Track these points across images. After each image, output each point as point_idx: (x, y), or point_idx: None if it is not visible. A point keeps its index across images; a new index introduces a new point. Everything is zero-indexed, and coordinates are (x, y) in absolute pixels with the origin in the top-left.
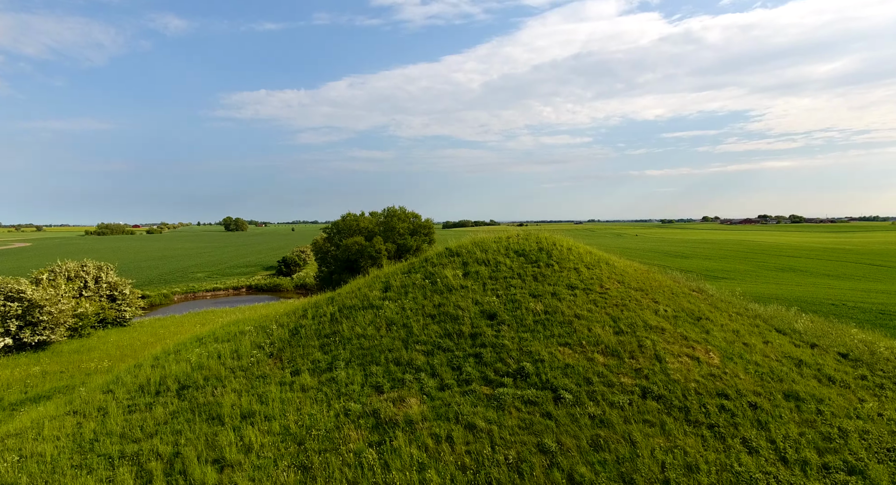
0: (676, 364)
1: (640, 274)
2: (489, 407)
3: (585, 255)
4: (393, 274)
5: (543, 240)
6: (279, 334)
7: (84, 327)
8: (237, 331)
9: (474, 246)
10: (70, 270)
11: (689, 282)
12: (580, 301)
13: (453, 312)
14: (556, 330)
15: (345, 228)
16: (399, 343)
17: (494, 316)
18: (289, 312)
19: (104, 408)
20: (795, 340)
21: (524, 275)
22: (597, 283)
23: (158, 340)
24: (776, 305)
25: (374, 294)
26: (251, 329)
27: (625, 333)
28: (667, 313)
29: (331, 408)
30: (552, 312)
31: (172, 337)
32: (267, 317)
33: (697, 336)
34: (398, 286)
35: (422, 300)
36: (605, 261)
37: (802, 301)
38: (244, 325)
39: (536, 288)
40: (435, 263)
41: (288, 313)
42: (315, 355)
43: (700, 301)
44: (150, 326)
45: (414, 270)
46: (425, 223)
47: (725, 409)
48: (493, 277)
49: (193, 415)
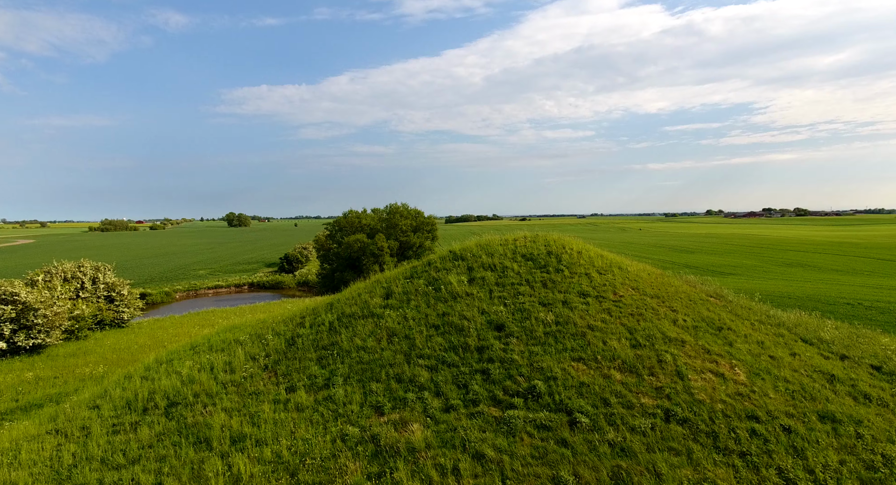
0: (700, 382)
1: (655, 279)
2: (499, 432)
3: (597, 259)
4: (394, 279)
5: (552, 243)
6: (275, 345)
7: (81, 330)
8: (232, 339)
9: (479, 249)
10: (66, 271)
11: (707, 287)
12: (593, 310)
13: (458, 323)
14: (569, 343)
15: (346, 226)
16: (401, 357)
17: (502, 327)
18: (286, 318)
19: (88, 427)
20: (824, 352)
21: (533, 281)
22: (610, 290)
23: (156, 344)
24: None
25: (374, 301)
26: (246, 338)
27: (642, 346)
28: (686, 323)
29: (327, 431)
30: (564, 322)
31: (171, 340)
32: (264, 323)
33: (720, 349)
34: (400, 293)
35: (425, 309)
36: (617, 265)
37: (815, 300)
38: (240, 332)
39: (546, 296)
40: (438, 267)
41: (285, 320)
42: (312, 370)
43: (719, 309)
44: (148, 328)
45: (416, 275)
46: (428, 220)
47: (757, 434)
48: (500, 283)
49: (180, 438)
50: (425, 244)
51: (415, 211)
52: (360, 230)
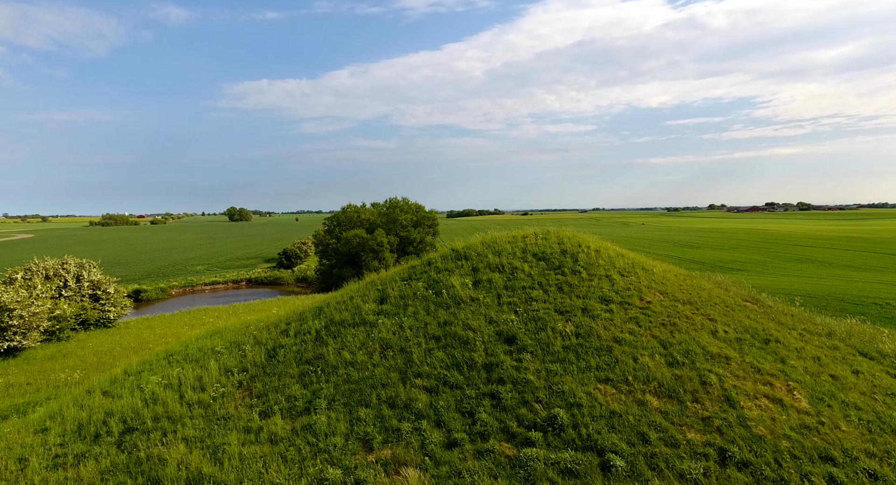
0: (756, 410)
1: (683, 281)
2: (514, 479)
3: (617, 258)
4: (390, 280)
5: (566, 240)
6: (254, 356)
7: (63, 330)
8: (209, 348)
9: (485, 248)
10: (48, 269)
11: (740, 289)
12: (618, 320)
13: (462, 334)
14: (593, 360)
15: (345, 221)
16: (395, 375)
17: (514, 339)
18: (271, 324)
19: (26, 459)
20: (888, 368)
21: (546, 285)
22: (635, 294)
23: (141, 345)
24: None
25: (367, 307)
26: (224, 347)
27: (681, 364)
28: (728, 335)
29: (303, 474)
30: (585, 334)
31: (157, 341)
32: (247, 330)
33: (772, 367)
34: (396, 297)
35: (424, 316)
36: (640, 265)
37: (838, 299)
38: (219, 339)
39: (563, 302)
40: (440, 267)
41: (269, 327)
42: (292, 389)
43: (759, 315)
44: (135, 328)
45: (415, 277)
46: (429, 214)
47: (837, 482)
48: (510, 287)
49: (128, 477)
50: (426, 239)
51: (415, 205)
52: (359, 225)
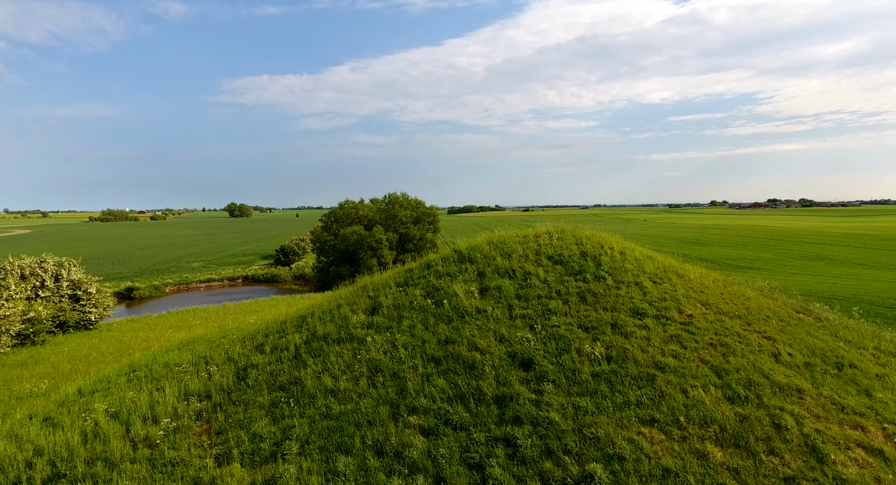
0: (853, 468)
1: (724, 289)
2: None
3: (646, 262)
4: (384, 286)
5: (585, 241)
6: (220, 379)
7: (38, 334)
8: (175, 364)
9: (492, 249)
10: (24, 268)
11: (788, 298)
12: (657, 339)
13: (468, 356)
14: (632, 393)
15: (343, 217)
16: (385, 410)
17: (530, 364)
18: (246, 336)
19: None
20: None
21: (566, 293)
22: (672, 306)
23: (121, 350)
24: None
25: (356, 319)
26: (190, 365)
27: (744, 399)
28: (793, 360)
29: None
30: (619, 358)
31: (139, 345)
32: (221, 341)
33: (857, 403)
34: (390, 307)
35: (422, 332)
36: (673, 270)
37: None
38: (189, 352)
39: (587, 316)
40: (440, 272)
41: (244, 340)
42: (259, 425)
43: (820, 331)
44: (118, 330)
45: (412, 282)
46: (429, 211)
47: None
48: (522, 296)
49: None
50: (426, 237)
51: (415, 201)
52: (357, 222)
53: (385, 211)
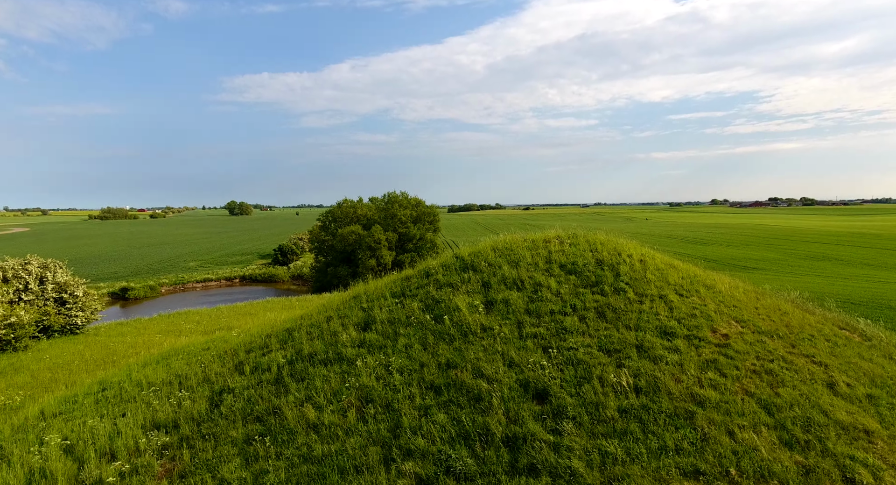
0: None
1: (757, 302)
2: None
3: (669, 271)
4: (378, 296)
5: (601, 247)
6: (192, 405)
7: (20, 339)
8: (148, 383)
9: (498, 256)
10: (6, 270)
11: (826, 311)
12: (691, 365)
13: (472, 384)
14: (668, 435)
15: (341, 216)
16: (376, 452)
17: (545, 395)
18: (227, 351)
19: None
20: None
21: (582, 308)
22: (704, 324)
23: (107, 357)
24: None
25: (346, 336)
26: (164, 384)
27: (803, 445)
28: (853, 391)
29: None
30: (649, 389)
31: (126, 351)
32: (200, 357)
33: None
34: (384, 322)
35: (420, 353)
36: (700, 281)
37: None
38: (163, 370)
39: (609, 336)
40: (441, 281)
41: (223, 356)
42: (228, 468)
43: (870, 351)
44: (105, 335)
45: (409, 293)
46: (429, 210)
47: None
48: (534, 311)
49: None
50: (426, 236)
51: (415, 200)
52: (355, 221)
53: (384, 210)
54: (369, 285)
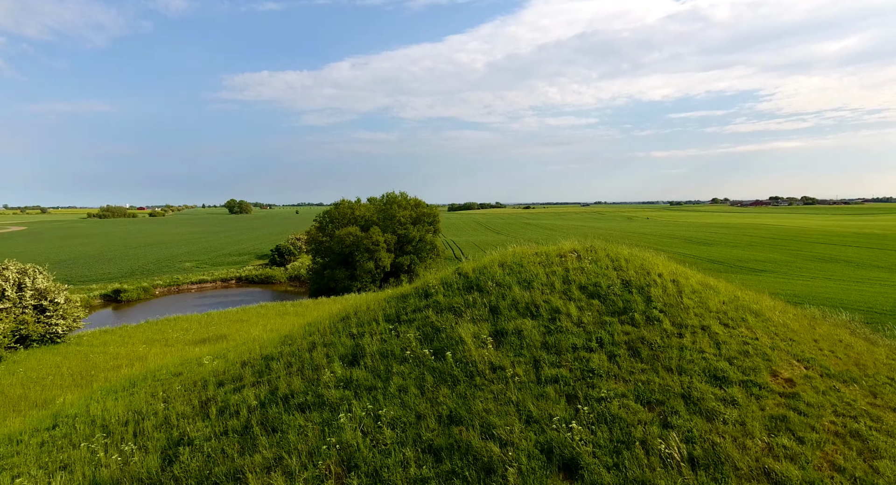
0: None
1: (811, 329)
2: None
3: (707, 295)
4: (370, 319)
5: (625, 264)
6: (140, 460)
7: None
8: (102, 423)
9: (506, 273)
10: None
11: (889, 339)
12: (756, 424)
13: (481, 449)
14: None
15: (339, 217)
16: None
17: (575, 468)
18: (197, 382)
19: None
20: None
21: (611, 343)
22: (761, 364)
23: (86, 370)
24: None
25: (329, 374)
26: (119, 424)
27: None
28: None
29: None
30: (708, 461)
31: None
32: (169, 386)
33: None
34: (375, 355)
35: (416, 400)
36: (745, 307)
37: None
38: (123, 403)
39: (648, 381)
40: (441, 303)
41: (192, 388)
42: None
43: None
44: (87, 344)
45: (405, 316)
46: (429, 210)
47: None
48: (552, 346)
49: None
50: (426, 238)
51: (414, 201)
52: (353, 222)
53: (383, 211)
54: (360, 303)
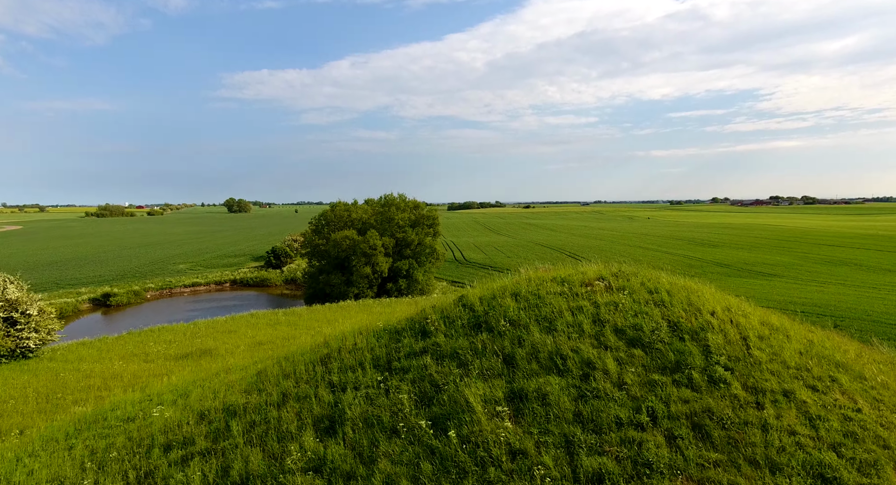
0: None
1: None
2: None
3: (777, 339)
4: (355, 363)
5: (666, 296)
6: None
7: None
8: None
9: (521, 307)
10: None
11: None
12: None
13: None
14: None
15: (335, 220)
16: None
17: None
18: (139, 445)
19: None
20: None
21: (666, 416)
22: (881, 455)
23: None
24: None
25: (296, 450)
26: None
27: None
28: None
29: None
30: None
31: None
32: (113, 442)
33: None
34: (358, 422)
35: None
36: (827, 357)
37: None
38: (46, 472)
39: (731, 483)
40: (442, 347)
41: (130, 455)
42: None
43: None
44: (62, 360)
45: (398, 364)
46: (429, 213)
47: None
48: (588, 418)
49: None
50: (425, 242)
51: (413, 202)
52: (349, 225)
53: (380, 213)
54: (347, 335)
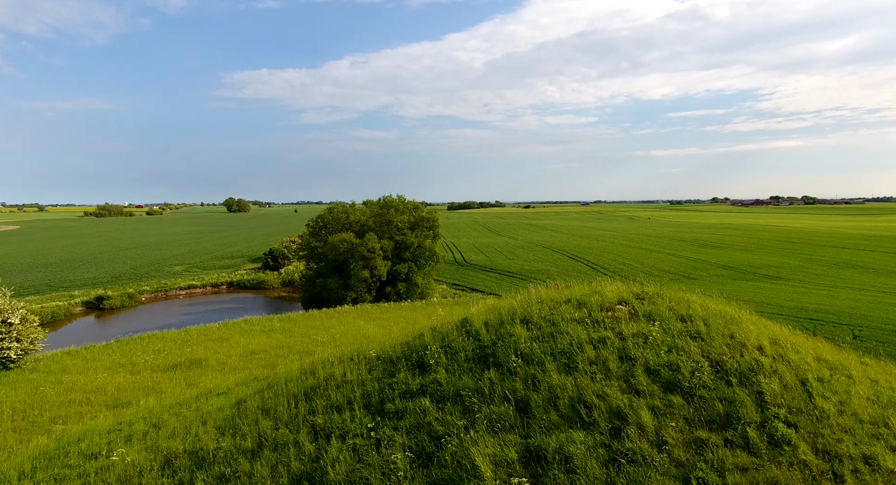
0: None
1: None
2: None
3: (839, 382)
4: (343, 402)
5: (702, 326)
6: None
7: None
8: None
9: (535, 338)
10: None
11: None
12: None
13: None
14: None
15: (332, 222)
16: None
17: None
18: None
19: None
20: None
21: None
22: None
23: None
24: None
25: None
26: None
27: None
28: None
29: None
30: None
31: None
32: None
33: None
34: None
35: None
36: None
37: None
38: None
39: None
40: (443, 387)
41: None
42: None
43: None
44: (44, 370)
45: (390, 407)
46: (428, 214)
47: None
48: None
49: None
50: (425, 244)
51: (412, 204)
52: (347, 228)
53: (379, 215)
54: (336, 366)
